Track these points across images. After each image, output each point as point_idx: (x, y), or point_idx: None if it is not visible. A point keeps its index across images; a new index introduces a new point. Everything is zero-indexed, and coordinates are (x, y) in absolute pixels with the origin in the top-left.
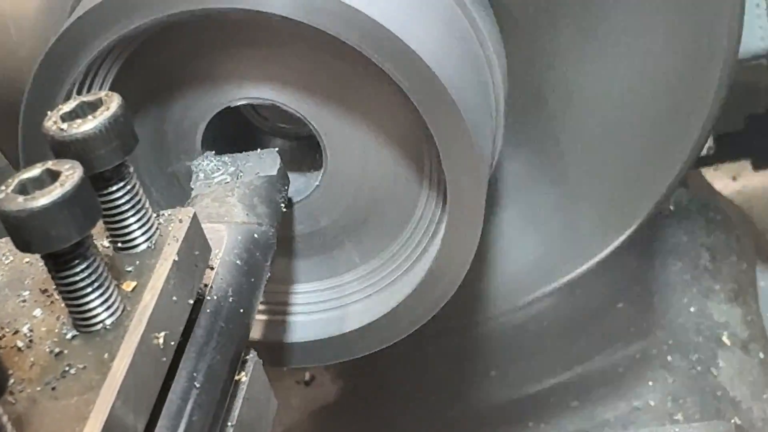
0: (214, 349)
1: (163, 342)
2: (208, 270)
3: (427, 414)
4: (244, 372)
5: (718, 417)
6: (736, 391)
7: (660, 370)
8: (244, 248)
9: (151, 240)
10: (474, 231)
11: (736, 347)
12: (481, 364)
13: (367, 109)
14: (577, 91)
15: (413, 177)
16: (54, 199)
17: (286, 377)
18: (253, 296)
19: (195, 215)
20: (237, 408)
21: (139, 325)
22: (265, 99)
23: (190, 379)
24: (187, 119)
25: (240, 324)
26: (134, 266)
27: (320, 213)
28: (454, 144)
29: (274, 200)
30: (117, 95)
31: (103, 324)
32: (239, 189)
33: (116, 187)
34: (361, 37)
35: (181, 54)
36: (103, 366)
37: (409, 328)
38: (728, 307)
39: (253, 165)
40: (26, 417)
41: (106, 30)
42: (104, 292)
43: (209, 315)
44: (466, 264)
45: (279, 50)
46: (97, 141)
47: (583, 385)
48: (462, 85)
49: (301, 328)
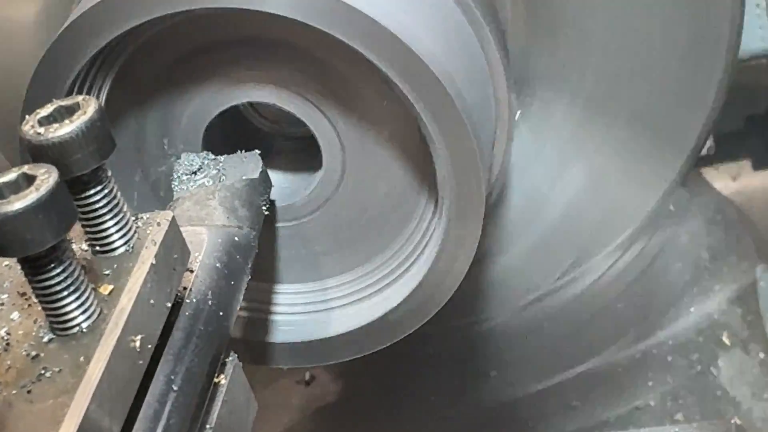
0: (193, 352)
1: (139, 345)
2: (187, 273)
3: (427, 414)
4: (223, 375)
5: (718, 417)
6: (736, 391)
7: (660, 370)
8: (224, 251)
9: (129, 243)
10: (473, 234)
11: (736, 347)
12: (481, 364)
13: (366, 110)
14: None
15: (412, 178)
16: (29, 203)
17: (286, 377)
18: (233, 299)
19: (173, 218)
20: (216, 411)
21: (116, 328)
22: (265, 99)
23: (168, 382)
24: (188, 119)
25: (219, 327)
26: (112, 270)
27: (320, 213)
28: (453, 144)
29: (255, 203)
30: (94, 99)
31: (80, 327)
32: (220, 192)
33: (94, 191)
34: (361, 37)
35: (181, 54)
36: (78, 369)
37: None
38: (728, 307)
39: (235, 168)
40: (1, 420)
41: (106, 30)
42: (80, 295)
43: (188, 318)
44: (464, 270)
45: (278, 50)
46: (73, 145)
47: (583, 385)
48: (463, 86)
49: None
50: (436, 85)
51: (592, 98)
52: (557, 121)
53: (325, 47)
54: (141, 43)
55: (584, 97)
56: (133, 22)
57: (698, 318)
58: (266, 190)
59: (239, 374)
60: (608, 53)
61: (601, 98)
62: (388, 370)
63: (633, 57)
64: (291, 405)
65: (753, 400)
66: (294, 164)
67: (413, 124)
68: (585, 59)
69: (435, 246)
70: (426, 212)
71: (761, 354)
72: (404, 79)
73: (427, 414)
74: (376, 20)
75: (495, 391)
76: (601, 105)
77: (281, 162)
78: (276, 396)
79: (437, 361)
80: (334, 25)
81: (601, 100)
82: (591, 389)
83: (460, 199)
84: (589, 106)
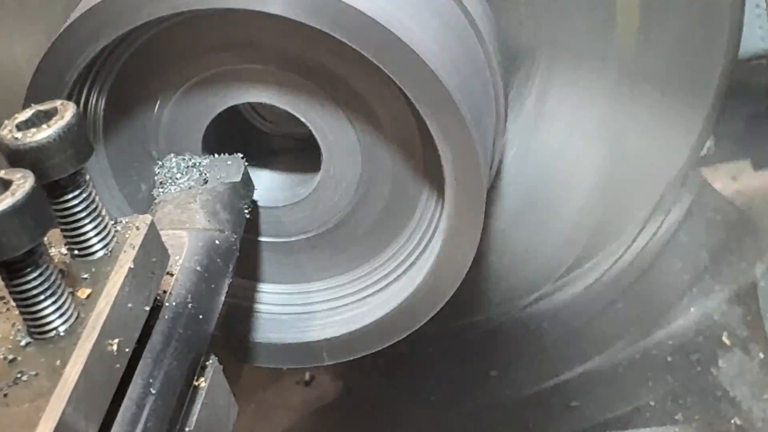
0: (172, 355)
1: (117, 349)
2: (168, 276)
3: (427, 414)
4: (203, 378)
5: (718, 417)
6: (736, 391)
7: (660, 370)
8: (204, 255)
9: (107, 247)
10: (474, 233)
11: (736, 347)
12: (481, 364)
13: (366, 109)
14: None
15: (413, 177)
16: (4, 208)
17: (286, 377)
18: (214, 302)
19: (153, 222)
20: (195, 414)
21: (93, 332)
22: (264, 99)
23: (147, 386)
24: (188, 119)
25: (199, 330)
26: (90, 273)
27: (319, 213)
28: (454, 144)
29: (237, 207)
30: (72, 104)
31: (57, 331)
32: (202, 195)
33: (72, 195)
34: (361, 36)
35: (181, 54)
36: (54, 373)
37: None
38: (728, 307)
39: (217, 171)
40: None
41: (106, 30)
42: (58, 299)
43: (167, 321)
44: (464, 269)
45: (278, 50)
46: (50, 150)
47: (583, 385)
48: (462, 83)
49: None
50: (436, 85)
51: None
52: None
53: (324, 47)
54: (141, 43)
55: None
56: (133, 23)
57: (698, 318)
58: (248, 194)
59: (219, 377)
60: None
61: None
62: (388, 370)
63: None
64: (291, 405)
65: (753, 400)
66: (294, 165)
67: (413, 124)
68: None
69: (436, 246)
70: (427, 210)
71: (761, 354)
72: (404, 78)
73: (427, 414)
74: (376, 20)
75: (495, 391)
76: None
77: (281, 162)
78: (276, 396)
79: (437, 361)
80: (335, 25)
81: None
82: (591, 389)
83: (461, 197)
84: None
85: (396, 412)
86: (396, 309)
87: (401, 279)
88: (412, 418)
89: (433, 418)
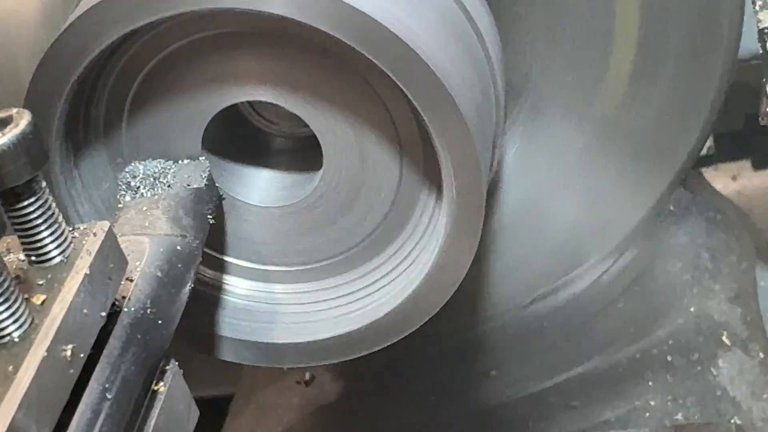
0: (129, 360)
1: (71, 354)
2: (127, 282)
3: (427, 414)
4: (162, 382)
5: (718, 417)
6: (736, 391)
7: (660, 370)
8: (165, 260)
9: (64, 254)
10: (474, 233)
11: (736, 347)
12: (481, 364)
13: (366, 108)
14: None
15: (414, 177)
16: None
17: (286, 377)
18: (173, 307)
19: (110, 228)
20: (153, 418)
21: (46, 337)
22: (264, 99)
23: (103, 390)
24: (188, 119)
25: (158, 335)
26: (46, 280)
27: (319, 212)
28: (454, 143)
29: (200, 212)
30: (28, 112)
31: (11, 337)
32: (165, 201)
33: (27, 202)
34: (361, 36)
35: (180, 54)
36: (6, 379)
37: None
38: (728, 307)
39: (182, 176)
40: None
41: (106, 30)
42: (11, 305)
43: (125, 326)
44: (464, 268)
45: (278, 49)
46: (4, 158)
47: (583, 385)
48: (462, 84)
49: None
50: (436, 84)
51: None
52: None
53: (324, 46)
54: (140, 44)
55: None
56: (132, 24)
57: (698, 318)
58: (213, 200)
59: (179, 382)
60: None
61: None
62: (388, 370)
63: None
64: (291, 405)
65: (753, 400)
66: (294, 164)
67: (414, 125)
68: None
69: (436, 245)
70: (426, 210)
71: (761, 354)
72: (404, 78)
73: (427, 414)
74: (376, 19)
75: (495, 391)
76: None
77: (281, 162)
78: (276, 396)
79: (437, 361)
80: (333, 24)
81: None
82: (591, 389)
83: (461, 198)
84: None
85: (396, 412)
86: (394, 310)
87: (399, 279)
88: (412, 418)
89: (433, 418)
